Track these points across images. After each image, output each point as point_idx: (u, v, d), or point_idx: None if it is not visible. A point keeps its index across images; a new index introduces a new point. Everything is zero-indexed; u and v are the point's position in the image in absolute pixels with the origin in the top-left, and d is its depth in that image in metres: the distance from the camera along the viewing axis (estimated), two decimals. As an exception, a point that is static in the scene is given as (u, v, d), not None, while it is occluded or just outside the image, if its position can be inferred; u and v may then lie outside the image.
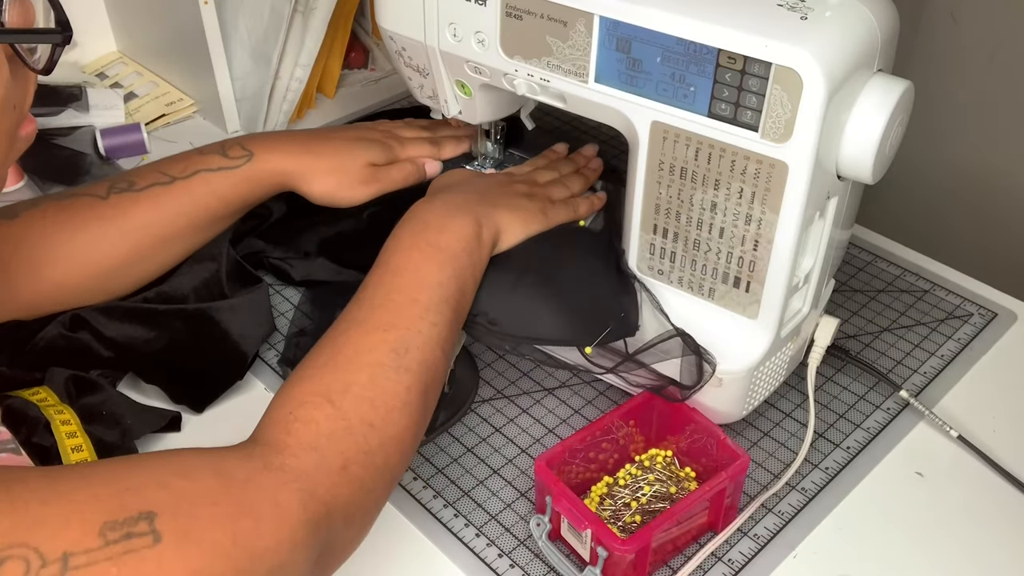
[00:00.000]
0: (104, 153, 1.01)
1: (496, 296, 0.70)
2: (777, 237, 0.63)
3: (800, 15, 0.59)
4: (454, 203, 0.71)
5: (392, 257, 0.66)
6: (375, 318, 0.61)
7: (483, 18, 0.69)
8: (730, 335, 0.69)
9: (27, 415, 0.66)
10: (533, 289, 0.71)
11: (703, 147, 0.63)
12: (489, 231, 0.70)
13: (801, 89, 0.57)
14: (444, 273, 0.65)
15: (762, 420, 0.76)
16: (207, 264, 0.80)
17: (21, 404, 0.66)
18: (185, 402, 0.75)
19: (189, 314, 0.77)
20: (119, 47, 1.20)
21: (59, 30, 0.51)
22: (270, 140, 0.80)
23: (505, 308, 0.70)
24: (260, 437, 0.55)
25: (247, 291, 0.81)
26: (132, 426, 0.70)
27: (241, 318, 0.78)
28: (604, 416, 0.69)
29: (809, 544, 0.67)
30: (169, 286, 0.79)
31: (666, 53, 0.61)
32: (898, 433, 0.75)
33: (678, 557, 0.66)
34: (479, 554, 0.66)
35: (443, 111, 0.82)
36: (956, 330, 0.83)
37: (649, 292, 0.72)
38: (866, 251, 0.92)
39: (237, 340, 0.78)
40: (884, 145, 0.62)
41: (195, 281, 0.80)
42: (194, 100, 1.12)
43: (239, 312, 0.79)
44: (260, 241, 0.87)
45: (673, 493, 0.69)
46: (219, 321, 0.77)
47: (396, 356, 0.59)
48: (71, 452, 0.64)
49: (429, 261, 0.65)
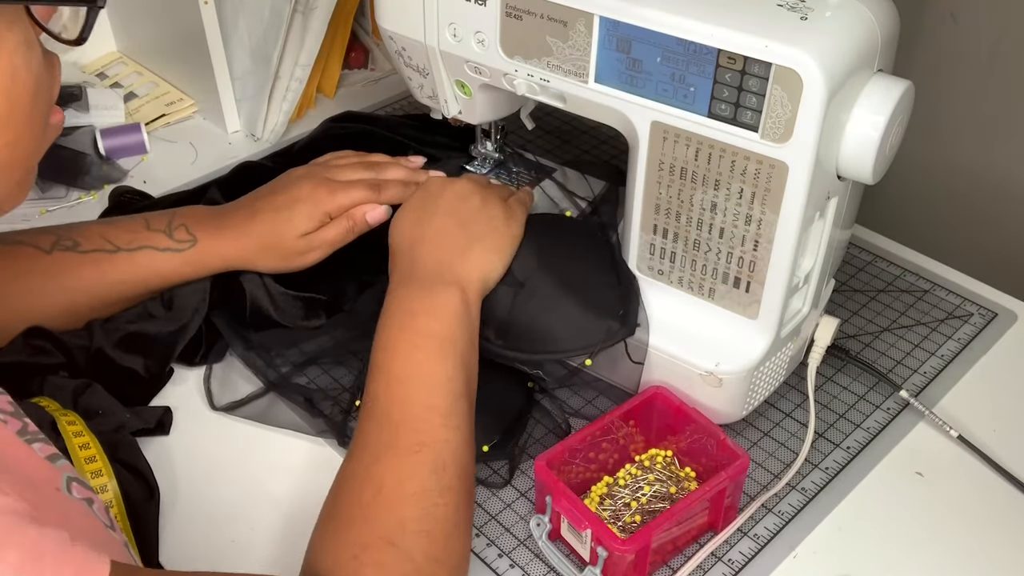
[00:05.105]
0: (104, 153, 1.01)
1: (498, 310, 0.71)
2: (777, 237, 0.63)
3: (800, 15, 0.59)
4: (430, 275, 0.69)
5: (391, 360, 0.65)
6: (403, 440, 0.62)
7: (483, 18, 0.69)
8: (730, 335, 0.69)
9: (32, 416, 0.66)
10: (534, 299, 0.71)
11: (703, 147, 0.63)
12: (473, 288, 0.69)
13: (801, 89, 0.57)
14: (449, 364, 0.65)
15: (762, 420, 0.76)
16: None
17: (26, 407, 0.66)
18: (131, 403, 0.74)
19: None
20: (119, 47, 1.20)
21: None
22: (211, 226, 0.78)
23: (509, 323, 0.71)
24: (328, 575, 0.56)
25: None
26: (128, 421, 0.71)
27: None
28: (604, 416, 0.68)
29: (809, 544, 0.67)
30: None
31: (666, 53, 0.61)
32: (898, 433, 0.75)
33: (678, 557, 0.66)
34: (479, 554, 0.66)
35: (443, 111, 0.82)
36: (956, 330, 0.83)
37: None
38: (866, 251, 0.92)
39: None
40: (884, 145, 0.62)
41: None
42: (194, 100, 1.12)
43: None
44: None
45: (673, 493, 0.69)
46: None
47: (437, 477, 0.60)
48: (79, 450, 0.64)
49: (430, 358, 0.65)
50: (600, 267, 0.74)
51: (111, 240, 0.76)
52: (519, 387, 0.75)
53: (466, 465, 0.63)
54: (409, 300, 0.68)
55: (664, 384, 0.71)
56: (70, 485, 0.51)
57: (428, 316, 0.67)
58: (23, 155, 0.50)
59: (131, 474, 0.66)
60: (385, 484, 0.60)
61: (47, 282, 0.74)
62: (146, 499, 0.66)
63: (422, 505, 0.59)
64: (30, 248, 0.74)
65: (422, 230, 0.74)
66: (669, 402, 0.70)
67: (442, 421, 0.63)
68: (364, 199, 0.78)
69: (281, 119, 1.06)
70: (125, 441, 0.68)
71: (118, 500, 0.63)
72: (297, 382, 0.77)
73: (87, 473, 0.63)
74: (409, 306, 0.68)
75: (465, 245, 0.72)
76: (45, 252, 0.74)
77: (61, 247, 0.75)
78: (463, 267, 0.70)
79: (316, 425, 0.74)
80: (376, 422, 0.63)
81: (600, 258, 0.74)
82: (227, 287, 0.79)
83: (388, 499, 0.59)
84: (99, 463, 0.64)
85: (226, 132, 1.09)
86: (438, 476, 0.60)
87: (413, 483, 0.60)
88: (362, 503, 0.59)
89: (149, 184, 0.99)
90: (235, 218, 0.79)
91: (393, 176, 0.81)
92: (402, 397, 0.64)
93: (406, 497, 0.59)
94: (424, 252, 0.72)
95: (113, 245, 0.76)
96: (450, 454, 0.62)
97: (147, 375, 0.76)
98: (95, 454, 0.65)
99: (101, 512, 0.53)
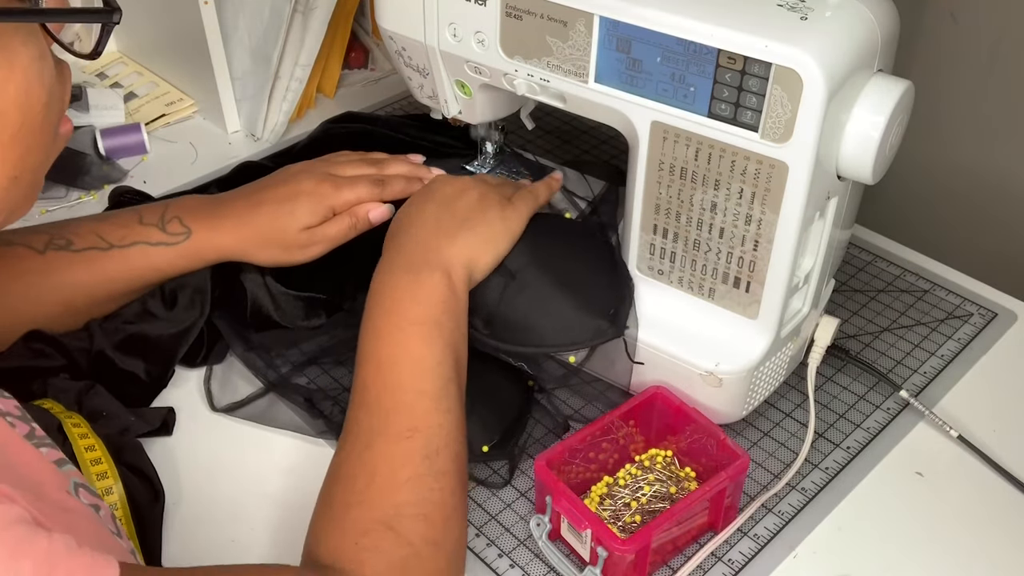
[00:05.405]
0: (104, 153, 1.01)
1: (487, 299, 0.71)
2: (777, 237, 0.63)
3: (800, 15, 0.59)
4: (414, 260, 0.69)
5: (378, 347, 0.65)
6: (393, 425, 0.62)
7: (483, 18, 0.69)
8: (730, 335, 0.69)
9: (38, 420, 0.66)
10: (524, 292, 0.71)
11: (703, 147, 0.63)
12: (459, 274, 0.69)
13: (801, 89, 0.57)
14: (436, 348, 0.65)
15: (762, 420, 0.76)
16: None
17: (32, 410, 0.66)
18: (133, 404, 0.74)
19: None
20: (119, 47, 1.21)
21: (107, 8, 0.49)
22: (207, 216, 0.77)
23: (495, 313, 0.71)
24: (330, 563, 0.57)
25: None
26: (133, 423, 0.71)
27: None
28: (604, 416, 0.68)
29: (809, 544, 0.67)
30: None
31: (666, 53, 0.61)
32: (898, 433, 0.75)
33: (678, 557, 0.66)
34: (479, 554, 0.66)
35: (443, 111, 0.82)
36: (956, 330, 0.83)
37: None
38: (866, 251, 0.92)
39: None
40: (884, 145, 0.62)
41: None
42: (194, 100, 1.12)
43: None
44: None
45: (673, 493, 0.69)
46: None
47: (429, 462, 0.60)
48: (85, 452, 0.64)
49: (417, 342, 0.65)
50: (597, 267, 0.74)
51: (104, 237, 0.75)
52: (518, 387, 0.75)
53: (458, 451, 0.63)
54: (393, 286, 0.68)
55: (664, 384, 0.71)
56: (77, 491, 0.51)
57: (414, 301, 0.66)
58: (32, 166, 0.50)
59: (136, 477, 0.66)
60: (378, 471, 0.60)
61: (42, 282, 0.74)
62: (151, 502, 0.66)
63: (417, 490, 0.59)
64: (23, 248, 0.74)
65: (411, 219, 0.73)
66: (669, 402, 0.70)
67: (433, 405, 0.62)
68: (368, 195, 0.78)
69: (281, 119, 1.06)
70: (130, 444, 0.68)
71: (123, 503, 0.63)
72: (297, 382, 0.77)
73: (93, 476, 0.63)
74: (393, 292, 0.67)
75: (452, 230, 0.71)
76: (38, 252, 0.74)
77: (54, 247, 0.74)
78: (448, 251, 0.69)
79: (316, 426, 0.74)
80: (367, 409, 0.63)
81: (598, 258, 0.74)
82: (228, 287, 0.79)
83: (382, 485, 0.59)
84: (105, 466, 0.64)
85: (226, 132, 1.09)
86: (431, 461, 0.60)
87: (406, 469, 0.60)
88: (356, 490, 0.59)
89: (149, 184, 0.99)
90: (234, 208, 0.78)
91: (396, 171, 0.81)
92: (392, 383, 0.63)
93: (400, 483, 0.59)
94: (410, 236, 0.71)
95: (106, 242, 0.75)
96: (443, 439, 0.62)
97: (148, 379, 0.76)
98: (101, 456, 0.65)
99: (108, 519, 0.53)
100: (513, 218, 0.73)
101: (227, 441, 0.74)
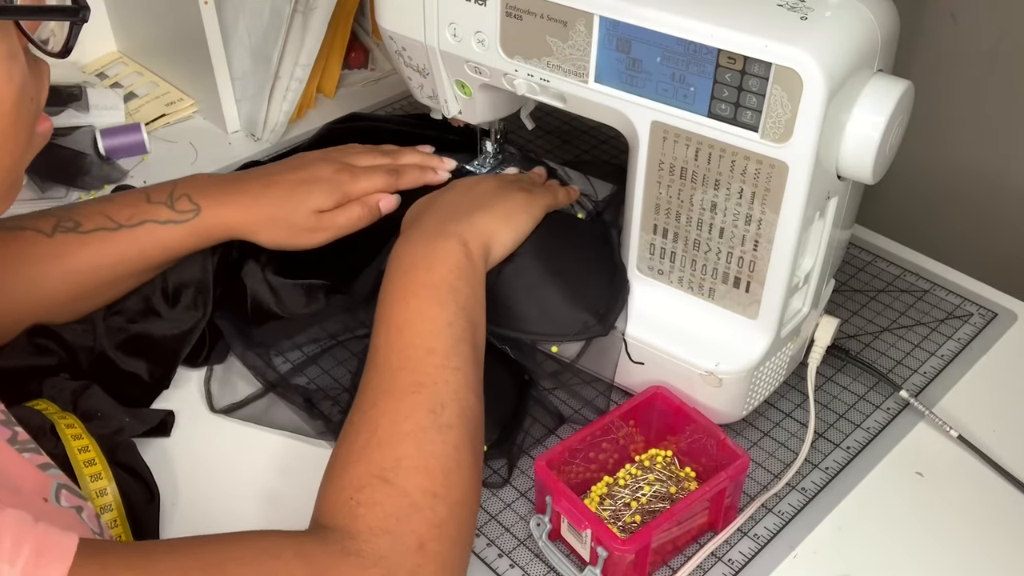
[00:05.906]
0: (104, 153, 1.01)
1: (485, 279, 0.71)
2: (777, 237, 0.63)
3: (800, 15, 0.59)
4: (431, 231, 0.69)
5: (391, 310, 0.65)
6: (400, 382, 0.61)
7: (483, 18, 0.69)
8: (730, 335, 0.69)
9: (31, 422, 0.66)
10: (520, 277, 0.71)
11: (703, 147, 0.63)
12: (476, 244, 0.69)
13: (801, 89, 0.57)
14: (449, 311, 0.64)
15: (762, 420, 0.76)
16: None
17: (25, 412, 0.66)
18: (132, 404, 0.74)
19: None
20: (119, 47, 1.20)
21: (74, 7, 0.49)
22: (217, 193, 0.77)
23: (488, 294, 0.71)
24: (327, 522, 0.56)
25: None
26: (129, 424, 0.70)
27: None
28: (604, 416, 0.69)
29: (809, 544, 0.67)
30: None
31: (666, 53, 0.61)
32: (898, 433, 0.75)
33: (678, 557, 0.66)
34: (479, 554, 0.66)
35: (443, 111, 0.82)
36: (956, 330, 0.83)
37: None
38: (866, 251, 0.92)
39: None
40: (884, 145, 0.62)
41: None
42: (194, 100, 1.12)
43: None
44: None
45: (673, 493, 0.69)
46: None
47: (434, 416, 0.60)
48: (79, 453, 0.64)
49: (430, 304, 0.64)
50: (596, 267, 0.74)
51: (112, 217, 0.75)
52: (514, 383, 0.75)
53: (468, 409, 0.61)
54: (408, 251, 0.68)
55: (664, 384, 0.71)
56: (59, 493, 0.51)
57: (427, 268, 0.66)
58: (6, 165, 0.49)
59: (131, 477, 0.66)
60: (380, 426, 0.59)
61: (52, 265, 0.74)
62: (146, 502, 0.66)
63: (418, 442, 0.58)
64: (31, 232, 0.74)
65: (431, 201, 0.75)
66: (669, 402, 0.70)
67: (442, 362, 0.62)
68: (384, 184, 0.79)
69: (281, 119, 1.06)
70: (124, 444, 0.68)
71: (118, 503, 0.63)
72: (296, 383, 0.77)
73: (87, 477, 0.63)
74: (408, 257, 0.68)
75: (470, 208, 0.72)
76: (47, 235, 0.74)
77: (62, 229, 0.74)
78: (466, 223, 0.70)
79: (316, 427, 0.74)
80: (377, 370, 0.63)
81: (598, 258, 0.74)
82: (229, 286, 0.79)
83: (382, 439, 0.59)
84: (98, 466, 0.64)
85: (226, 132, 1.09)
86: (436, 415, 0.60)
87: (409, 422, 0.59)
88: (357, 446, 0.59)
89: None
90: (247, 186, 0.78)
91: (409, 161, 0.82)
92: (401, 344, 0.63)
93: (402, 436, 0.59)
94: (429, 215, 0.72)
95: (114, 222, 0.75)
96: (449, 394, 0.61)
97: (151, 380, 0.76)
98: (94, 457, 0.65)
99: (91, 519, 0.53)
100: (533, 203, 0.74)
101: (227, 442, 0.74)
